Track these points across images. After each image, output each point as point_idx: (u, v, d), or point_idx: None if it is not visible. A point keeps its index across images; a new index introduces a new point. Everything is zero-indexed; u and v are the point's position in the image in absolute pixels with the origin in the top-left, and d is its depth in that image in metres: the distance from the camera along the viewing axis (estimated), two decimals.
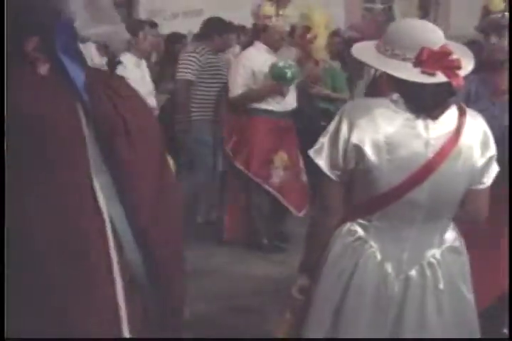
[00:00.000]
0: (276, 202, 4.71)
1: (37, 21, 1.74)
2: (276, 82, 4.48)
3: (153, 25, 5.95)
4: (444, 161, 1.98)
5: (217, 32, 4.82)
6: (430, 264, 2.09)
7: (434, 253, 2.10)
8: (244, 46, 5.43)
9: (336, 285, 2.09)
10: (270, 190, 4.67)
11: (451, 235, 2.14)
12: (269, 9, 4.55)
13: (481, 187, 2.10)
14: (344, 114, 2.02)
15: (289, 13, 4.66)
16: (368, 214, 2.08)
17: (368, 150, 1.97)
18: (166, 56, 6.02)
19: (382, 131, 1.97)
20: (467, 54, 2.01)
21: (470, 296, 2.16)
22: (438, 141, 1.99)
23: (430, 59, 1.88)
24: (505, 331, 3.01)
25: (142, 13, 7.22)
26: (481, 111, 2.15)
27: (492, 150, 2.07)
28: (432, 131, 1.99)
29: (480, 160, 2.05)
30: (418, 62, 1.90)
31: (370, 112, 1.98)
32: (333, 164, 2.02)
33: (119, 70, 4.56)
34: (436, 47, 1.91)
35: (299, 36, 5.08)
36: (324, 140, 2.04)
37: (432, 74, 1.90)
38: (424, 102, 1.97)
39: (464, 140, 2.00)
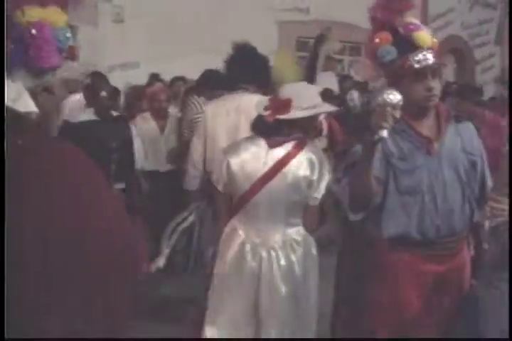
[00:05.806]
0: None
1: None
2: None
3: None
4: (275, 176, 3.04)
5: None
6: (274, 248, 3.10)
7: (277, 240, 3.10)
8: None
9: (222, 261, 3.15)
10: None
11: (294, 231, 3.13)
12: None
13: (310, 203, 3.12)
14: (224, 152, 3.25)
15: None
16: (237, 212, 3.16)
17: (233, 167, 3.11)
18: None
19: (241, 157, 3.13)
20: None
21: (309, 284, 3.14)
22: (273, 162, 3.06)
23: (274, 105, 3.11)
24: None
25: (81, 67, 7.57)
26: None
27: (315, 175, 3.05)
28: (269, 156, 3.08)
29: (304, 179, 3.07)
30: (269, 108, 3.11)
31: (238, 147, 3.19)
32: (218, 180, 3.18)
33: None
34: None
35: None
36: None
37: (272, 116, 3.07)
38: (266, 131, 3.10)
39: (293, 163, 3.06)
